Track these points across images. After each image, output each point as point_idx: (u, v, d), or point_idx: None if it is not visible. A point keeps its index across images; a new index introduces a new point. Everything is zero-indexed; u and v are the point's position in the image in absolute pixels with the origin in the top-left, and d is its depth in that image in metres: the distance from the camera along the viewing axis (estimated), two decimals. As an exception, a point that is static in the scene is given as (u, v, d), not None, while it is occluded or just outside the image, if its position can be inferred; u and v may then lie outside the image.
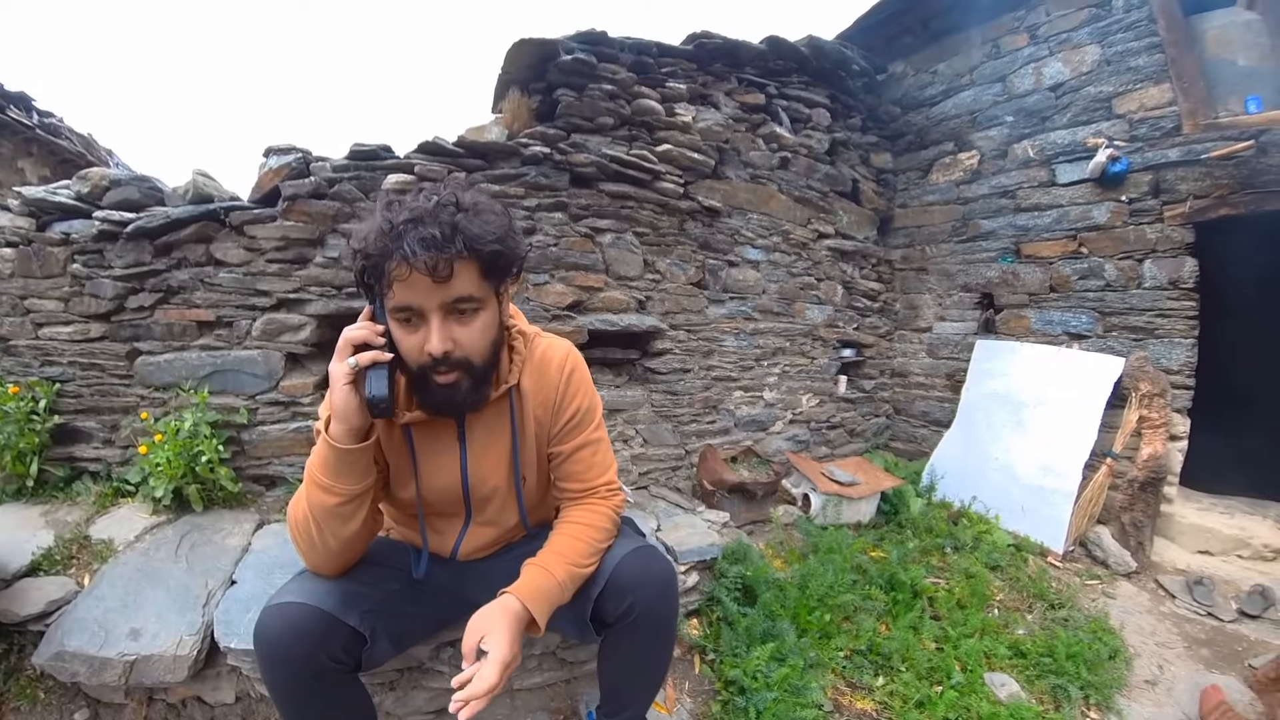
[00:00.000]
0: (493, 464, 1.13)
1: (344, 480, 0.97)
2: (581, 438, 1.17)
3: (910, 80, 3.66)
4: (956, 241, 3.48)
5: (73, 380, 2.13)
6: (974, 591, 2.30)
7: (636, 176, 2.48)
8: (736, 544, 2.21)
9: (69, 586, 1.63)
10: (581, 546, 1.09)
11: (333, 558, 1.04)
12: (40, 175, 4.61)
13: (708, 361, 2.81)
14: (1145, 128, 2.77)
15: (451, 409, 1.02)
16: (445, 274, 0.88)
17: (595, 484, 1.18)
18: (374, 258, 0.90)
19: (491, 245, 0.91)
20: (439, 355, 0.92)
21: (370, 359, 0.93)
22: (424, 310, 0.91)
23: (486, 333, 0.98)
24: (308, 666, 0.96)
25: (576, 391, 1.16)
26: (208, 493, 2.06)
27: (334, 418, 0.95)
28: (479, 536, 1.20)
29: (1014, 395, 3.13)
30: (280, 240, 2.08)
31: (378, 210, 0.92)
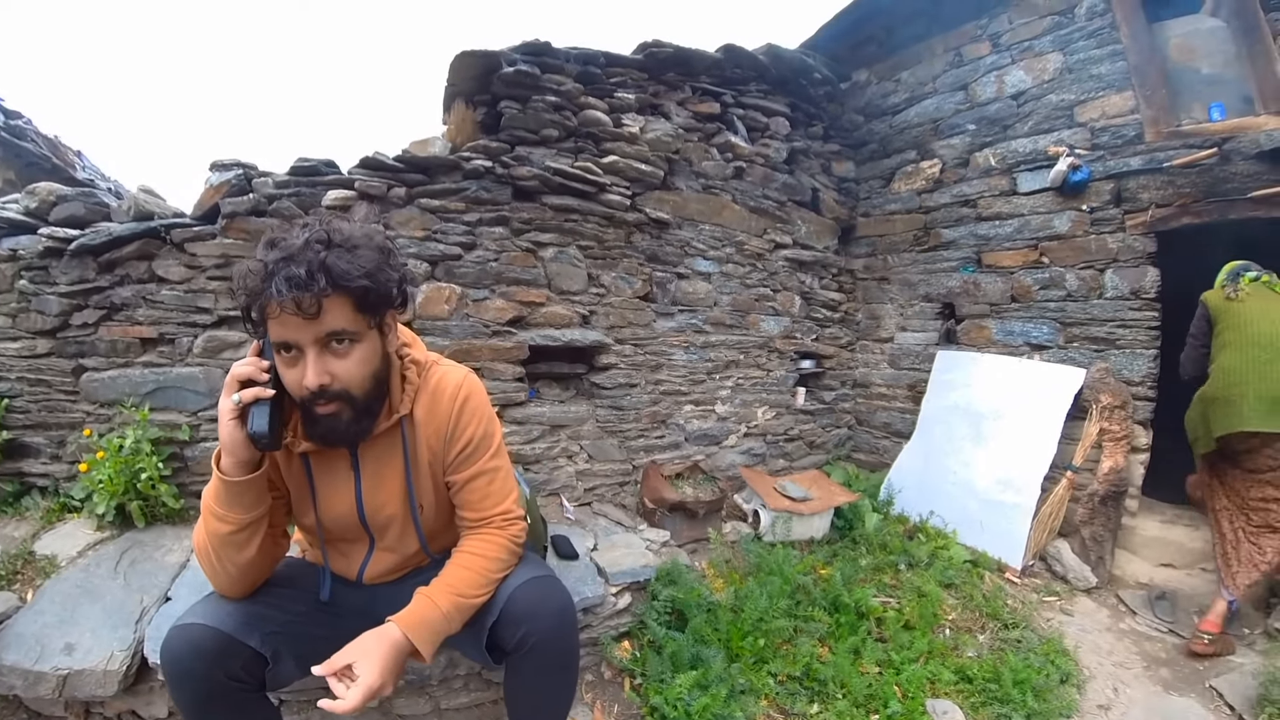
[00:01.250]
0: (388, 493, 1.12)
1: (235, 510, 0.99)
2: (475, 467, 1.14)
3: (874, 89, 3.53)
4: (918, 251, 3.35)
5: (21, 396, 2.11)
6: (924, 612, 2.18)
7: (581, 189, 2.36)
8: (671, 565, 2.12)
9: (11, 601, 1.62)
10: (471, 576, 1.08)
11: (234, 582, 1.05)
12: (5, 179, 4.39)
13: (656, 375, 2.68)
14: (1107, 136, 2.68)
15: (336, 439, 1.01)
16: (313, 311, 0.88)
17: (490, 514, 1.15)
18: (251, 296, 0.90)
19: (359, 281, 0.90)
20: (314, 389, 0.92)
21: (253, 395, 0.94)
22: (299, 345, 0.91)
23: (364, 365, 0.97)
24: (207, 685, 0.97)
25: (470, 420, 1.13)
26: (150, 509, 2.03)
27: (222, 451, 0.97)
28: (382, 562, 1.19)
29: (974, 407, 3.02)
30: (220, 258, 2.03)
31: (259, 248, 0.92)
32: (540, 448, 2.41)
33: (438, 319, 2.20)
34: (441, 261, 2.20)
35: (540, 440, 2.42)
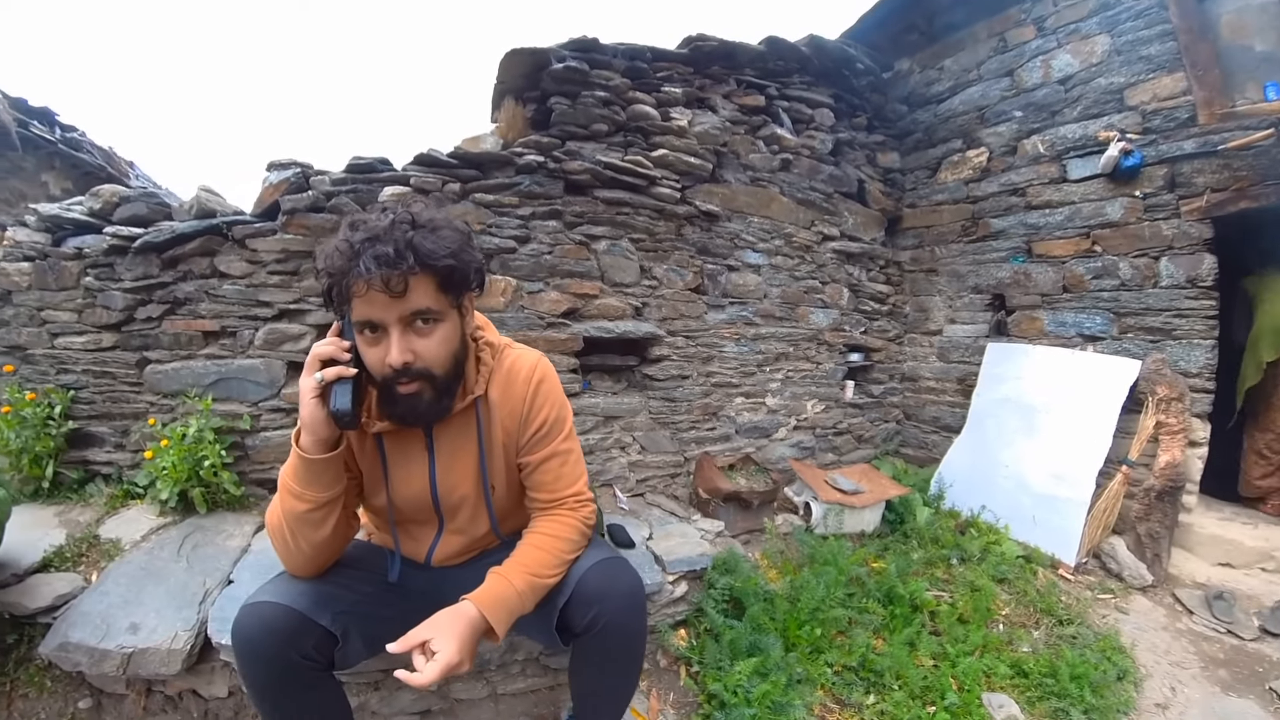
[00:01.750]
0: (461, 473, 1.19)
1: (313, 488, 1.04)
2: (549, 448, 1.21)
3: (917, 77, 3.65)
4: (966, 242, 3.46)
5: (86, 387, 2.28)
6: (978, 606, 2.25)
7: (631, 182, 2.51)
8: (728, 554, 2.22)
9: (76, 582, 1.75)
10: (545, 557, 1.13)
11: (307, 561, 1.11)
12: (63, 188, 4.84)
13: (707, 368, 2.82)
14: (1159, 119, 2.73)
15: (415, 419, 1.08)
16: (400, 289, 0.94)
17: (563, 495, 1.21)
18: (336, 276, 0.96)
19: (445, 260, 0.97)
20: (399, 366, 0.98)
21: (335, 374, 0.99)
22: (384, 324, 0.97)
23: (446, 344, 1.04)
24: (279, 663, 1.02)
25: (544, 402, 1.20)
26: (211, 496, 2.18)
27: (303, 429, 1.03)
28: (451, 544, 1.26)
29: (1026, 400, 3.09)
30: (280, 253, 2.18)
31: (341, 230, 0.98)
32: (594, 439, 2.56)
33: (493, 311, 2.35)
34: (496, 255, 2.35)
35: (594, 431, 2.56)
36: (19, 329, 2.30)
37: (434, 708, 1.60)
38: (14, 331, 2.31)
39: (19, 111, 4.56)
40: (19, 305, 2.28)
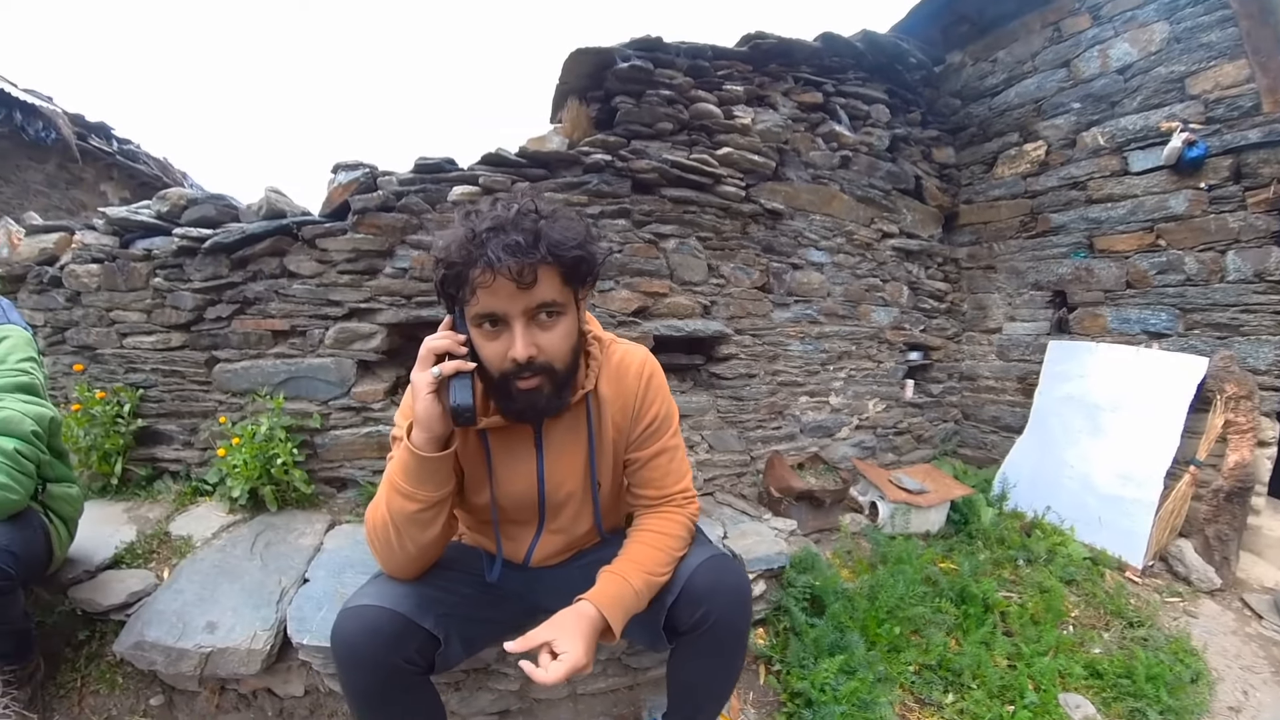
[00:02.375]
0: (568, 470, 1.23)
1: (425, 487, 1.06)
2: (659, 444, 1.26)
3: (969, 70, 3.79)
4: (1025, 237, 3.60)
5: (155, 386, 2.45)
6: (1048, 607, 2.36)
7: (697, 181, 2.68)
8: (804, 553, 2.34)
9: (149, 579, 1.84)
10: (658, 555, 1.17)
11: (410, 562, 1.15)
12: (120, 197, 5.41)
13: (773, 366, 2.99)
14: (1222, 108, 2.77)
15: (533, 414, 1.12)
16: (530, 280, 0.97)
17: (671, 491, 1.27)
18: (457, 266, 0.98)
19: (573, 251, 1.01)
20: (523, 360, 1.01)
21: (454, 368, 1.01)
22: (507, 316, 1.00)
23: (568, 338, 1.07)
24: (383, 668, 1.06)
25: (655, 398, 1.26)
26: (281, 494, 2.32)
27: (417, 426, 1.04)
28: (551, 544, 1.30)
29: (1090, 399, 3.18)
30: (351, 252, 2.33)
31: (457, 220, 1.02)
32: (663, 438, 2.71)
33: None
34: (567, 253, 2.52)
35: (662, 430, 2.72)
36: (88, 329, 2.48)
37: (513, 708, 1.68)
38: (83, 331, 2.49)
39: (79, 127, 5.07)
40: (88, 306, 2.46)
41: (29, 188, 5.03)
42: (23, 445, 1.40)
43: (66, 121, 4.92)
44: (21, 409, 1.44)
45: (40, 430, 1.47)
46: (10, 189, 4.89)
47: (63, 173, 5.23)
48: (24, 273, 2.54)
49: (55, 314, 2.52)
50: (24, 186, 5.00)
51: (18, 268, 2.53)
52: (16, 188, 4.95)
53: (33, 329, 2.50)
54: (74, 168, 5.23)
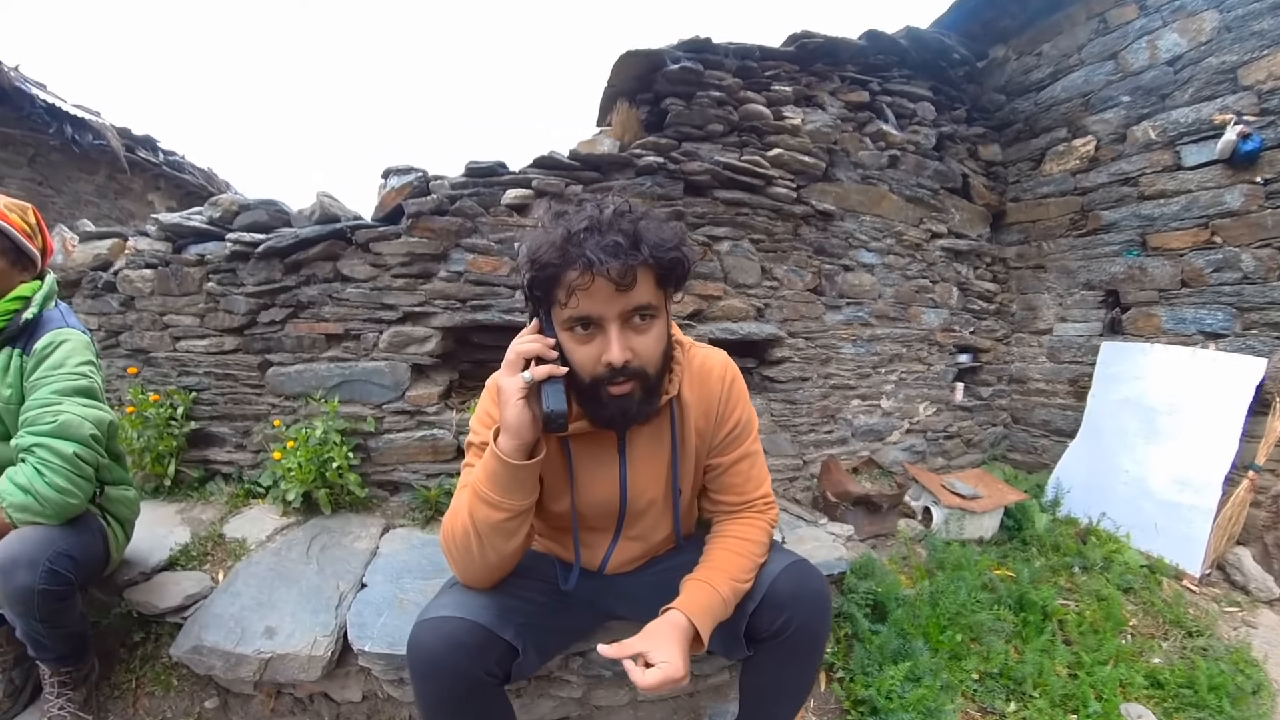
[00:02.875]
0: (651, 477, 1.25)
1: (513, 496, 1.07)
2: (741, 449, 1.30)
3: (1013, 65, 3.88)
4: (1075, 236, 3.68)
5: (208, 389, 2.56)
6: (1107, 615, 2.42)
7: (749, 182, 2.79)
8: (864, 559, 2.42)
9: (205, 582, 1.92)
10: (743, 561, 1.20)
11: (491, 572, 1.16)
12: (167, 206, 5.88)
13: (826, 369, 3.11)
14: (1277, 99, 2.80)
15: (623, 421, 1.12)
16: (630, 282, 0.98)
17: (752, 497, 1.30)
18: (550, 267, 0.99)
19: (671, 252, 1.02)
20: (619, 365, 1.02)
21: (546, 373, 1.02)
22: (603, 320, 1.02)
23: (660, 342, 1.09)
24: (464, 680, 1.07)
25: (737, 402, 1.29)
26: (335, 497, 2.41)
27: (505, 433, 1.04)
28: (627, 550, 1.34)
29: (1145, 401, 3.21)
30: (405, 256, 2.43)
31: (545, 222, 1.05)
32: (716, 443, 2.82)
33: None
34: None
35: (715, 436, 2.82)
36: (142, 333, 2.61)
37: (573, 715, 1.73)
38: (137, 335, 2.61)
39: (125, 139, 5.49)
40: (142, 310, 2.58)
41: (80, 198, 5.42)
42: (82, 449, 1.46)
43: (115, 134, 5.29)
44: (81, 413, 1.49)
45: (99, 434, 1.52)
46: (62, 199, 5.26)
47: (112, 183, 5.69)
48: (78, 278, 2.67)
49: (109, 318, 2.64)
50: (75, 197, 5.38)
51: (72, 273, 2.66)
52: (68, 198, 5.31)
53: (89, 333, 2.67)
54: (122, 178, 5.70)
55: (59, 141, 5.01)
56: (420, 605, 1.43)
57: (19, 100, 4.68)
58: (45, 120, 4.84)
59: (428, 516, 2.41)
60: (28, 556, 1.35)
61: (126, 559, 1.91)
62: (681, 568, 1.24)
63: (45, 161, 5.18)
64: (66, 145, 5.05)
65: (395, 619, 1.68)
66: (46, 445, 1.43)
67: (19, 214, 1.63)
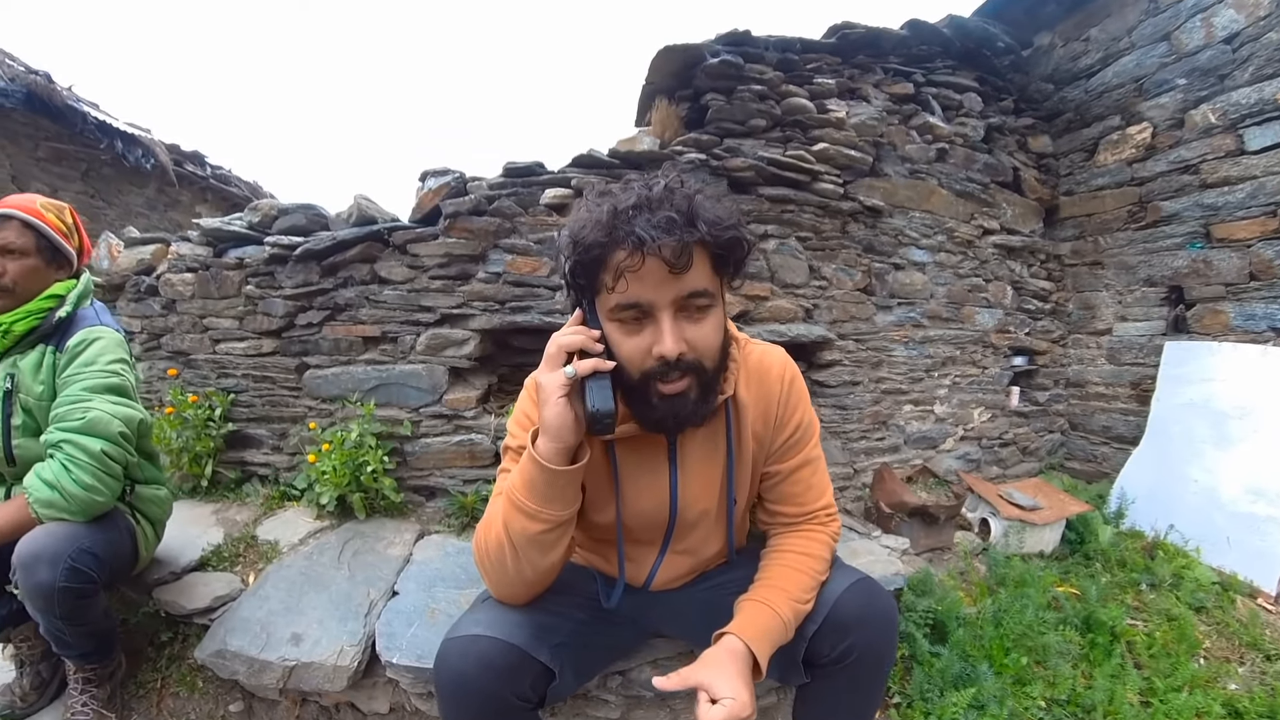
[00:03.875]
0: (704, 485, 1.19)
1: (553, 505, 1.01)
2: (801, 455, 1.23)
3: (1060, 52, 3.83)
4: (1134, 229, 3.60)
5: (245, 391, 2.64)
6: (1180, 637, 2.33)
7: (794, 178, 2.77)
8: (923, 574, 2.36)
9: (234, 584, 1.95)
10: (803, 579, 1.13)
11: (527, 588, 1.11)
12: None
13: (877, 373, 3.06)
14: None
15: (675, 423, 1.04)
16: (685, 263, 0.91)
17: (813, 508, 1.23)
18: (595, 248, 0.93)
19: (729, 231, 0.96)
20: (673, 358, 0.95)
21: (591, 367, 0.96)
22: (653, 307, 0.95)
23: (718, 333, 1.02)
24: (493, 703, 1.01)
25: (798, 403, 1.22)
26: (370, 501, 2.44)
27: (544, 435, 0.98)
28: (675, 565, 1.28)
29: (1214, 405, 3.12)
30: (443, 257, 2.45)
31: (588, 202, 0.98)
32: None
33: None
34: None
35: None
36: (182, 335, 2.70)
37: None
38: (178, 338, 2.71)
39: (173, 154, 5.93)
40: (182, 313, 2.68)
41: (130, 210, 5.81)
42: (110, 446, 1.48)
43: (164, 149, 5.73)
44: (110, 410, 1.52)
45: (129, 432, 1.55)
46: (113, 211, 5.64)
47: (161, 196, 6.13)
48: (122, 282, 2.79)
49: (151, 321, 2.75)
50: (126, 209, 5.78)
51: (116, 277, 2.78)
52: (119, 210, 5.70)
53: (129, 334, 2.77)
54: (171, 191, 6.13)
55: (110, 156, 5.37)
56: (452, 617, 1.44)
57: (72, 118, 4.98)
58: (97, 136, 5.17)
59: (463, 523, 2.42)
60: (50, 553, 1.37)
61: (157, 558, 1.94)
62: (734, 584, 1.19)
63: (97, 176, 5.55)
64: (117, 160, 5.41)
65: (426, 630, 1.68)
66: (74, 441, 1.45)
67: (55, 213, 1.68)
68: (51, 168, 5.19)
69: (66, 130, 5.08)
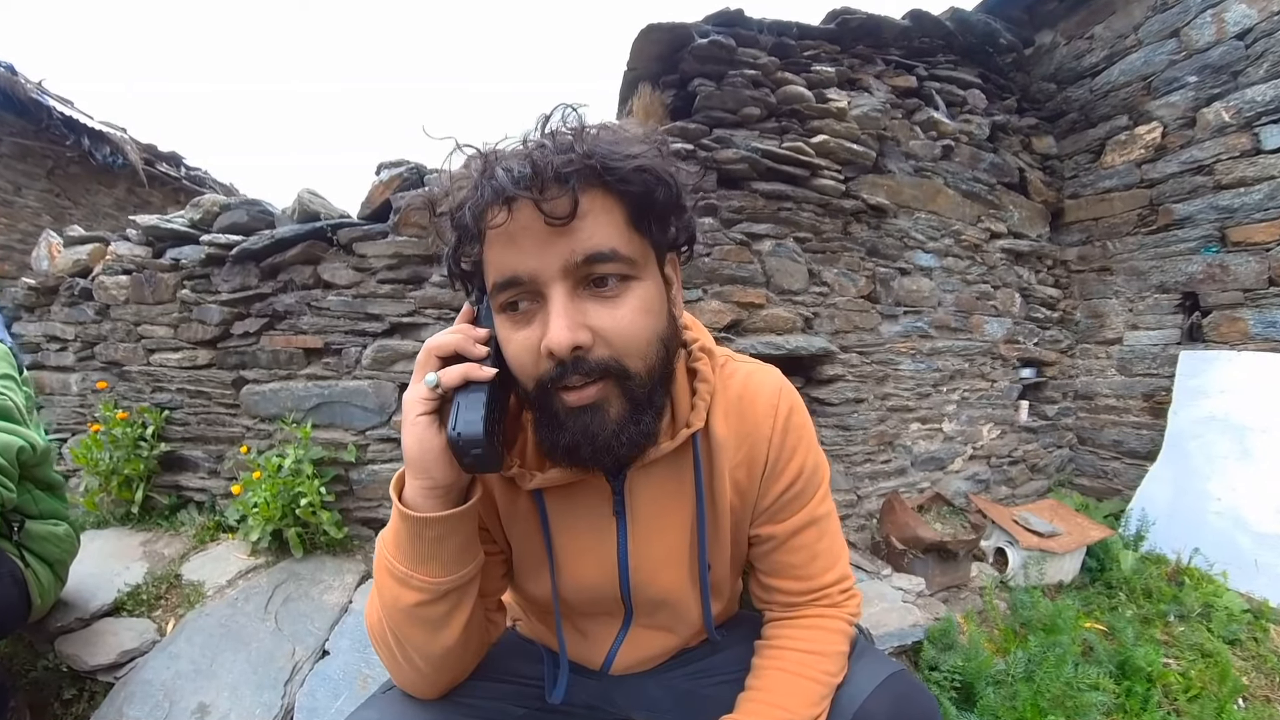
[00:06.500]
0: (667, 549, 0.84)
1: (427, 567, 0.71)
2: (804, 514, 0.85)
3: (1063, 50, 3.48)
4: (1145, 233, 3.24)
5: (181, 408, 2.33)
6: (1220, 677, 2.03)
7: (792, 172, 2.34)
8: (945, 624, 2.01)
9: (147, 634, 1.68)
10: (810, 690, 0.79)
11: (424, 679, 0.79)
12: None
13: (882, 389, 2.61)
14: None
15: (593, 452, 0.68)
16: (563, 212, 0.60)
17: (822, 584, 0.86)
18: (465, 214, 0.65)
19: (634, 165, 0.63)
20: (563, 352, 0.63)
21: (460, 376, 0.66)
22: (538, 281, 0.64)
23: (646, 317, 0.68)
24: None
25: (798, 444, 0.84)
26: (310, 536, 2.09)
27: (409, 470, 0.70)
28: (644, 644, 0.93)
29: (1235, 418, 2.83)
30: (392, 258, 2.10)
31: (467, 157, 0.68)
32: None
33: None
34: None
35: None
36: (116, 344, 2.40)
37: None
38: (111, 346, 2.41)
39: (150, 154, 5.49)
40: (116, 320, 2.38)
41: (98, 210, 5.39)
42: None
43: (134, 147, 5.15)
44: None
45: (7, 463, 1.31)
46: (80, 211, 5.23)
47: (131, 197, 5.65)
48: (56, 284, 2.50)
49: (85, 328, 2.47)
50: (94, 209, 5.36)
51: (52, 279, 2.50)
52: (86, 210, 5.29)
53: (63, 344, 2.53)
54: (142, 192, 5.61)
55: (77, 154, 4.97)
56: (385, 689, 1.12)
57: (37, 113, 4.60)
58: (63, 132, 4.75)
59: (416, 561, 1.99)
60: None
61: (66, 600, 1.71)
62: (720, 671, 0.90)
63: (64, 174, 5.14)
64: (85, 158, 5.00)
65: (355, 703, 1.37)
66: None
67: None
68: (15, 164, 4.78)
69: (32, 125, 4.69)
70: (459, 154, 0.67)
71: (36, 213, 4.91)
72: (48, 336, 2.62)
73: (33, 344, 2.66)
